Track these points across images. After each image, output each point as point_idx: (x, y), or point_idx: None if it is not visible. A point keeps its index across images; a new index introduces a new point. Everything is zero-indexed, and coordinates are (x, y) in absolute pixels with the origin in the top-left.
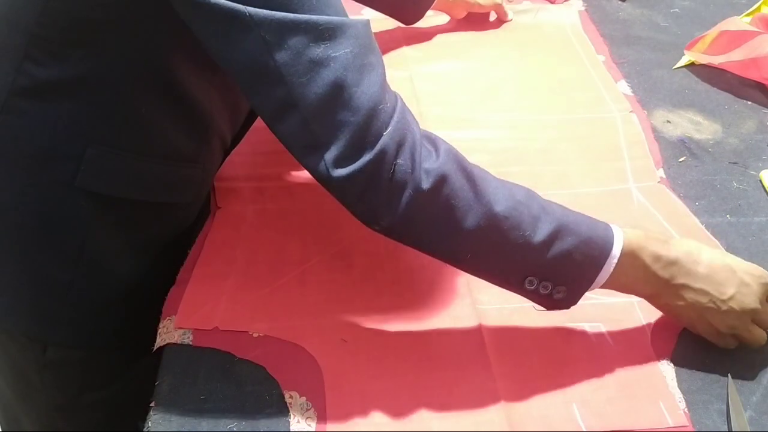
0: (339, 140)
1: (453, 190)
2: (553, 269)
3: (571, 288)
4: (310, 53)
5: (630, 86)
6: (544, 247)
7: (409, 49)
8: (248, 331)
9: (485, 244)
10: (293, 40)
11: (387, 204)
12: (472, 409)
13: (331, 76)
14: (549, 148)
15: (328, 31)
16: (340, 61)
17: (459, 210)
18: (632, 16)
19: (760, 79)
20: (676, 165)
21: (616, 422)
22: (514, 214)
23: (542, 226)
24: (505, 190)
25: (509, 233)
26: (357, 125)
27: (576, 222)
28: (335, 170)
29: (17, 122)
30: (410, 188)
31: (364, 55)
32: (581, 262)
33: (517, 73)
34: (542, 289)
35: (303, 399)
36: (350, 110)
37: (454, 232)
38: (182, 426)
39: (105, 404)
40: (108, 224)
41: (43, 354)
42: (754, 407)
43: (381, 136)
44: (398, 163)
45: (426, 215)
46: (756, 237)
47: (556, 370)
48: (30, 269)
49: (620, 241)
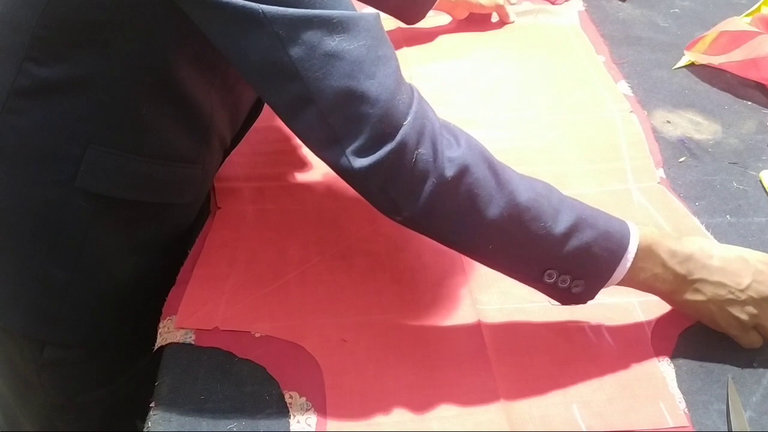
0: (359, 132)
1: (476, 180)
2: (572, 262)
3: (590, 282)
4: (325, 47)
5: (630, 86)
6: (564, 239)
7: (409, 49)
8: (249, 331)
9: (507, 235)
10: (307, 34)
11: (410, 194)
12: (472, 409)
13: (346, 69)
14: (549, 149)
15: (341, 24)
16: (354, 53)
17: (482, 199)
18: (632, 17)
19: (760, 80)
20: (676, 165)
21: (616, 422)
22: (536, 205)
23: (562, 218)
24: (525, 182)
25: (531, 224)
26: (376, 117)
27: (593, 216)
28: (356, 160)
29: (17, 122)
30: (433, 177)
31: (377, 47)
32: (600, 256)
33: (517, 73)
34: (561, 283)
35: (303, 399)
36: (368, 102)
37: (476, 222)
38: (182, 426)
39: (103, 404)
40: (107, 224)
41: (40, 353)
42: (754, 407)
43: (401, 126)
44: (420, 153)
45: (449, 205)
46: (756, 237)
47: (556, 370)
48: (28, 268)
49: (636, 236)
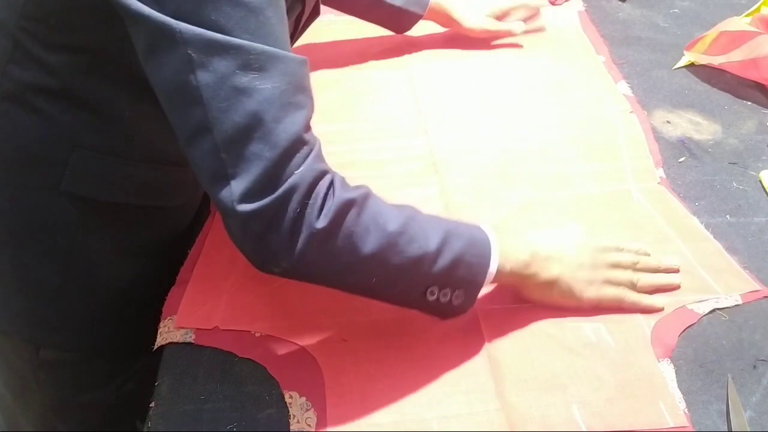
0: (248, 174)
1: (349, 224)
2: (449, 274)
3: (468, 290)
4: (235, 80)
5: (630, 87)
6: (438, 254)
7: (409, 49)
8: (249, 331)
9: (387, 263)
10: (220, 63)
11: (288, 244)
12: (472, 409)
13: (252, 108)
14: (549, 149)
15: (259, 61)
16: (264, 94)
17: (358, 237)
18: (632, 17)
19: (760, 80)
20: (676, 165)
21: (616, 422)
22: (407, 229)
23: (433, 235)
24: (394, 209)
25: (407, 247)
26: (270, 161)
27: (457, 226)
28: (240, 205)
29: (3, 126)
30: (313, 228)
31: (292, 93)
32: (471, 263)
33: (517, 73)
34: (442, 297)
35: (303, 399)
36: (265, 145)
37: (356, 260)
38: (182, 426)
39: (101, 405)
40: (97, 228)
41: (36, 354)
42: (754, 407)
43: (291, 176)
44: (302, 204)
45: (326, 252)
46: (756, 237)
47: (556, 370)
48: (21, 273)
49: (490, 233)
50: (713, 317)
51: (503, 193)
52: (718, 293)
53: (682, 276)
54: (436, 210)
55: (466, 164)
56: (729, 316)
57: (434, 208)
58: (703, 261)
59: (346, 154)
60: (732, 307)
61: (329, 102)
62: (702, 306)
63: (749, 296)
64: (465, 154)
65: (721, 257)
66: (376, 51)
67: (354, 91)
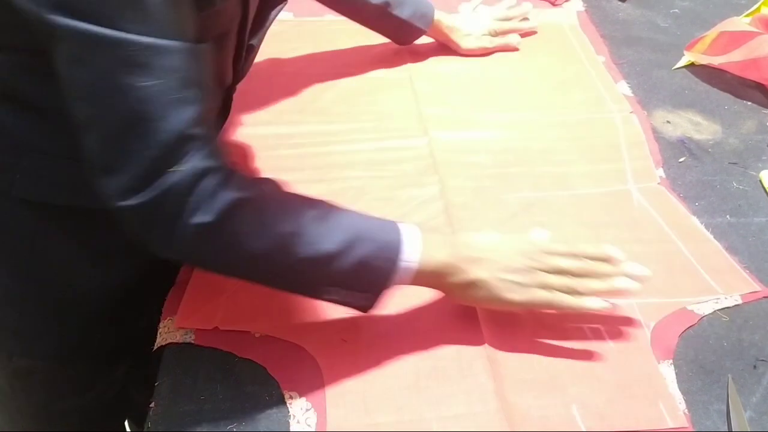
0: (126, 171)
1: (235, 222)
2: (352, 277)
3: (375, 293)
4: (116, 77)
5: (630, 87)
6: (338, 256)
7: (409, 49)
8: (249, 331)
9: (277, 263)
10: (101, 59)
11: (167, 241)
12: (472, 409)
13: (132, 105)
14: (549, 149)
15: (141, 56)
16: (145, 91)
17: (244, 237)
18: (632, 17)
19: (760, 80)
20: (676, 165)
21: (615, 423)
22: (304, 230)
23: (337, 237)
24: (293, 209)
25: (300, 249)
26: (147, 159)
27: (370, 228)
28: (119, 201)
29: None
30: (188, 227)
31: (177, 89)
32: (379, 267)
33: (517, 73)
34: (347, 298)
35: (303, 399)
36: (143, 142)
37: (243, 259)
38: (182, 426)
39: (81, 413)
40: (54, 234)
41: (9, 362)
42: (754, 407)
43: (169, 174)
44: (181, 201)
45: (210, 249)
46: (756, 237)
47: (556, 370)
48: None
49: (415, 237)
50: (713, 318)
51: (503, 194)
52: (718, 293)
53: (682, 276)
54: (436, 210)
55: (466, 164)
56: (729, 316)
57: (434, 208)
58: (703, 261)
59: (346, 154)
60: (732, 308)
61: (329, 102)
62: (702, 307)
63: (749, 296)
64: (465, 154)
65: (721, 257)
66: (376, 51)
67: (354, 91)
